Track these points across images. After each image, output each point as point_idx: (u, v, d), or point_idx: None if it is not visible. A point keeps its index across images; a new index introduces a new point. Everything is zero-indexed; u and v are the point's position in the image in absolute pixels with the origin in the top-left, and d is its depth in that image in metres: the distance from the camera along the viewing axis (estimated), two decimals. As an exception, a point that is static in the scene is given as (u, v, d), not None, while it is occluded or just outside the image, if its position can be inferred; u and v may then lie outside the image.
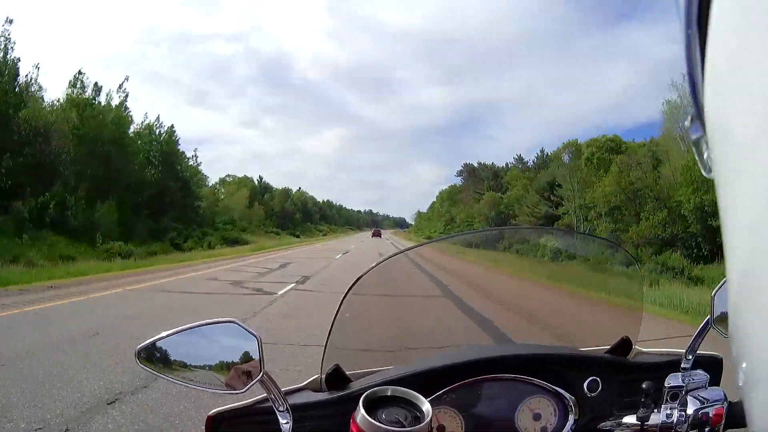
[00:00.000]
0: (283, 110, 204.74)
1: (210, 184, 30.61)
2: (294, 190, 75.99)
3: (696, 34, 0.19)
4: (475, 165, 39.17)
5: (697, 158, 0.23)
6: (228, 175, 48.04)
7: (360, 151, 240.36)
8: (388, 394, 0.58)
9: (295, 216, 57.88)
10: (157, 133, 21.55)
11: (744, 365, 0.18)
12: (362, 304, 0.83)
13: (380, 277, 0.82)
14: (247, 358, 0.56)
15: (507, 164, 34.85)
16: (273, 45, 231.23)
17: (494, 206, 31.09)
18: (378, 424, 0.52)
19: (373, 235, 61.27)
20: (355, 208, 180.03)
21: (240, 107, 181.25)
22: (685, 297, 7.33)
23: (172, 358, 0.56)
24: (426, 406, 0.56)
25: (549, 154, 27.45)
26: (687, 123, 0.23)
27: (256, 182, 57.53)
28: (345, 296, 0.73)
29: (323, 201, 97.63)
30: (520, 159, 33.79)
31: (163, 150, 21.05)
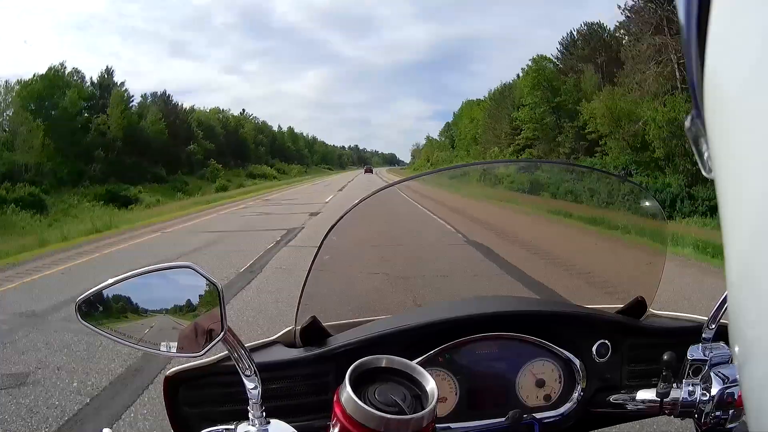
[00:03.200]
0: (264, 54, 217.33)
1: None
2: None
3: (696, 33, 0.20)
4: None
5: (697, 158, 0.23)
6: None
7: (342, 90, 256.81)
8: (382, 365, 0.46)
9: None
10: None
11: (738, 349, 0.20)
12: (344, 248, 0.74)
13: (366, 217, 0.73)
14: (206, 310, 0.46)
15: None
16: None
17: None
18: (369, 409, 0.40)
19: (366, 171, 67.62)
20: (338, 144, 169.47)
21: (222, 55, 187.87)
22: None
23: (118, 313, 0.46)
24: (431, 384, 0.44)
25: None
26: (687, 123, 0.23)
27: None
28: (324, 238, 0.65)
29: (285, 131, 72.38)
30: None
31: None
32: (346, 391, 0.41)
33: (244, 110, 56.59)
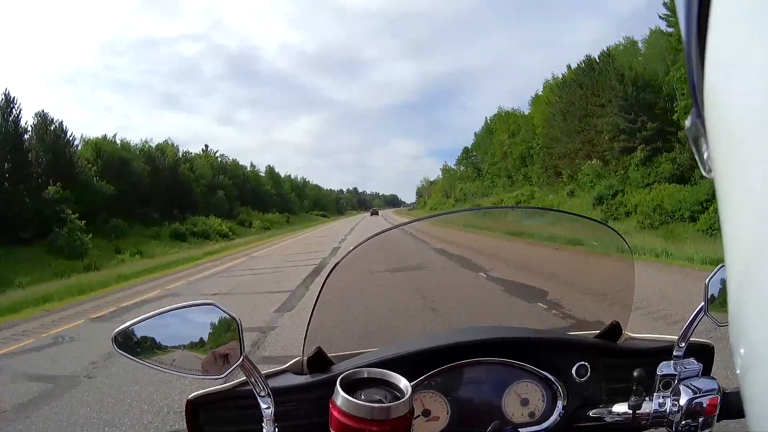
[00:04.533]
0: (255, 103, 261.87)
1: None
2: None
3: (696, 34, 0.23)
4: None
5: (697, 158, 0.27)
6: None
7: (336, 135, 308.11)
8: (365, 376, 0.70)
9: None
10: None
11: (742, 352, 0.23)
12: (346, 285, 0.99)
13: (365, 258, 0.96)
14: (226, 341, 0.68)
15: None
16: (237, 39, 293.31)
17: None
18: (361, 402, 0.62)
19: (372, 214, 75.21)
20: (335, 188, 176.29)
21: (214, 105, 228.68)
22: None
23: (150, 343, 0.67)
24: (404, 383, 0.68)
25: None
26: (687, 123, 0.28)
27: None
28: (327, 278, 0.87)
29: (264, 171, 68.87)
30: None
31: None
32: (340, 395, 0.63)
33: (207, 146, 52.79)
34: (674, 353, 0.82)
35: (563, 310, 1.35)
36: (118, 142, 35.55)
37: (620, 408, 0.82)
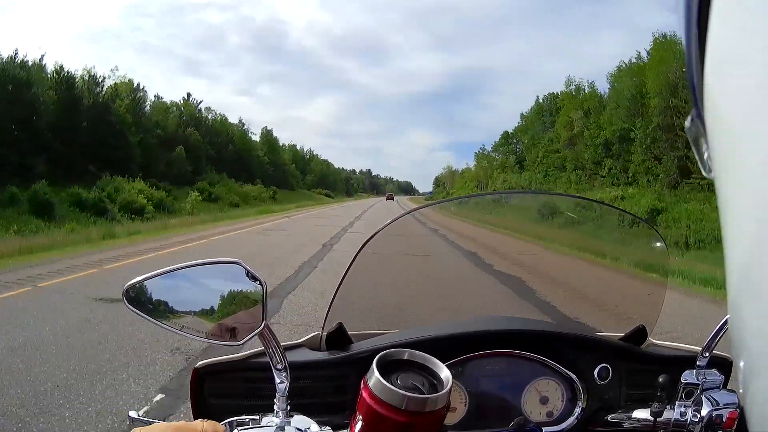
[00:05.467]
0: (278, 78, 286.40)
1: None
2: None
3: (696, 33, 0.26)
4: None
5: (697, 158, 0.30)
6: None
7: (355, 119, 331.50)
8: (404, 357, 0.72)
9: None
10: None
11: (742, 363, 0.25)
12: (375, 263, 1.08)
13: (396, 237, 1.03)
14: (248, 305, 0.72)
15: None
16: (266, 13, 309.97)
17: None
18: (395, 389, 0.63)
19: (387, 198, 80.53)
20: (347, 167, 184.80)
21: (235, 76, 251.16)
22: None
23: (164, 300, 0.70)
24: (445, 372, 0.69)
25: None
26: (687, 123, 0.31)
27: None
28: (358, 252, 0.95)
29: (258, 135, 65.64)
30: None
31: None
32: (374, 375, 0.63)
33: (189, 95, 47.45)
34: (697, 363, 0.89)
35: (589, 307, 1.46)
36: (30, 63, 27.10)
37: (641, 414, 0.89)
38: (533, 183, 37.55)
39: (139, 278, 0.68)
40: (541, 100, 42.30)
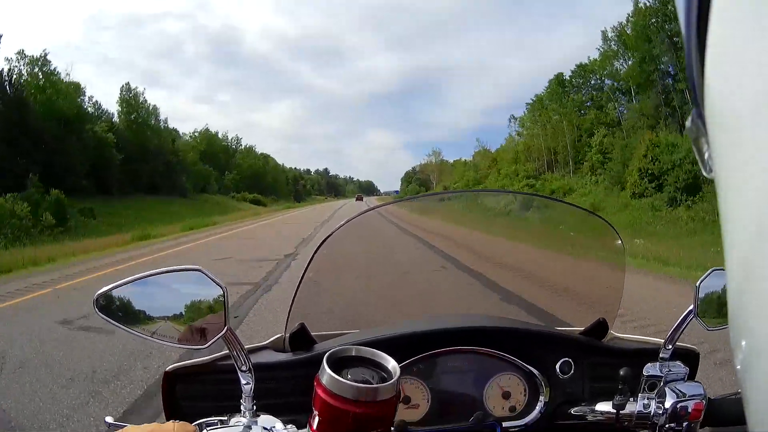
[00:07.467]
0: (235, 84, 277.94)
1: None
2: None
3: (696, 33, 0.27)
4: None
5: (697, 158, 0.31)
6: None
7: (313, 121, 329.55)
8: (353, 354, 0.75)
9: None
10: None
11: (742, 354, 0.26)
12: (332, 264, 1.07)
13: (354, 236, 1.05)
14: (211, 310, 0.74)
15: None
16: (220, 21, 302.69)
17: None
18: (346, 381, 0.66)
19: (357, 199, 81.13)
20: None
21: (195, 83, 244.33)
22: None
23: (132, 308, 0.72)
24: (392, 364, 0.73)
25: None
26: (688, 123, 0.31)
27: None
28: (313, 255, 0.95)
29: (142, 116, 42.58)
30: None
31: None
32: (326, 373, 0.66)
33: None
34: (660, 355, 0.90)
35: (547, 304, 1.50)
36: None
37: (604, 407, 0.91)
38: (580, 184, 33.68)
39: (107, 287, 0.71)
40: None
